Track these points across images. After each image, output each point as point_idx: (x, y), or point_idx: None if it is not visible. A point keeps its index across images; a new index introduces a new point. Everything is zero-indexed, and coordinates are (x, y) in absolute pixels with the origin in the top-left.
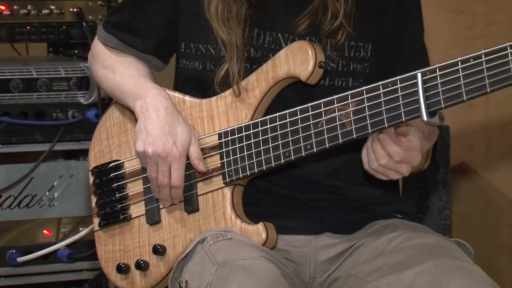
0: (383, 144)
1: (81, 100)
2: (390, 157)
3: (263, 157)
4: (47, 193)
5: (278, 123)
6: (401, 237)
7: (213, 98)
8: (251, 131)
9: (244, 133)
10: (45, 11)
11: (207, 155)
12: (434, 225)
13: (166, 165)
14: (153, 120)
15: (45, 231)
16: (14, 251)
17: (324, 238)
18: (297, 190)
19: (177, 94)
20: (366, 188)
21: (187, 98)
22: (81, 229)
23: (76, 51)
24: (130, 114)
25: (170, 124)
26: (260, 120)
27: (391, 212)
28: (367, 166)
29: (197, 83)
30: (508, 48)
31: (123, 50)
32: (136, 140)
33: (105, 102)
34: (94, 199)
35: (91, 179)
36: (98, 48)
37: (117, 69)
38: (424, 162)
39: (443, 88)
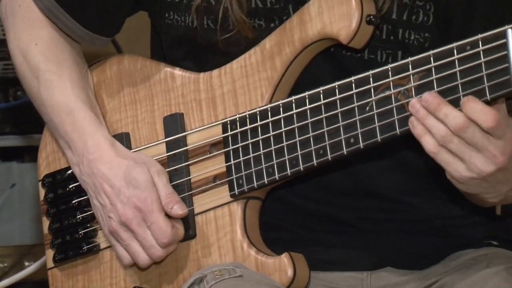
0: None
1: None
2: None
3: (286, 157)
4: None
5: (308, 106)
6: (499, 276)
7: (215, 72)
8: (270, 119)
9: (259, 123)
10: None
11: (206, 156)
12: None
13: (142, 228)
14: (103, 186)
15: None
16: None
17: (384, 275)
18: (341, 207)
19: (164, 67)
20: (446, 203)
21: (178, 71)
22: (27, 264)
23: None
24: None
25: (122, 175)
26: (283, 103)
27: (483, 237)
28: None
29: (191, 48)
30: None
31: (54, 20)
32: (99, 220)
33: None
34: (46, 222)
35: (42, 192)
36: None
37: (42, 70)
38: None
39: None
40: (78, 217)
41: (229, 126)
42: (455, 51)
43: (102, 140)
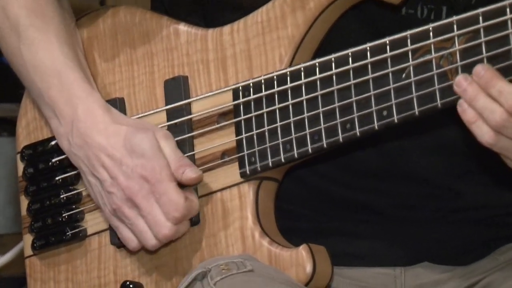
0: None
1: None
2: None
3: (307, 131)
4: None
5: (334, 71)
6: None
7: (226, 28)
8: (289, 85)
9: (276, 89)
10: None
11: (213, 128)
12: None
13: (149, 201)
14: (100, 158)
15: None
16: None
17: (421, 272)
18: (372, 192)
19: (166, 21)
20: (497, 189)
21: (183, 27)
22: None
23: None
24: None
25: (122, 144)
26: (305, 67)
27: None
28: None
29: (197, 0)
30: None
31: None
32: (97, 201)
33: None
34: (25, 202)
35: (21, 167)
36: None
37: (23, 25)
38: None
39: None
40: (62, 196)
41: (241, 92)
42: (507, 9)
43: (95, 106)
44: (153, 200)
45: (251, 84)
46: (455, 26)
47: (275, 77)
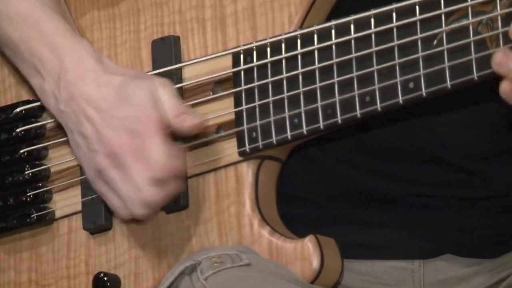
0: None
1: None
2: None
3: (319, 104)
4: None
5: (352, 36)
6: None
7: None
8: (299, 50)
9: (284, 55)
10: None
11: (209, 98)
12: None
13: (133, 158)
14: (86, 112)
15: None
16: None
17: (443, 266)
18: (390, 176)
19: None
20: None
21: None
22: None
23: None
24: None
25: (114, 94)
26: (318, 29)
27: None
28: None
29: None
30: None
31: None
32: (82, 165)
33: None
34: None
35: None
36: None
37: None
38: None
39: None
40: (27, 172)
41: (242, 57)
42: None
43: (85, 55)
44: (139, 158)
45: (254, 48)
46: None
47: (283, 40)
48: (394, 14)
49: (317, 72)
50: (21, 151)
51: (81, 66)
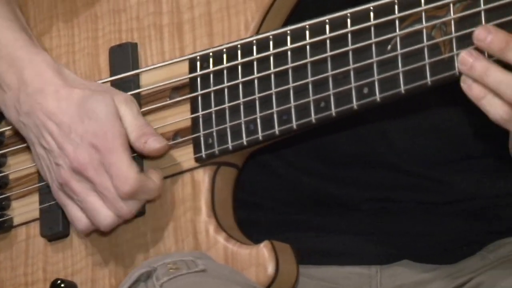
0: None
1: None
2: None
3: (275, 110)
4: None
5: (308, 41)
6: None
7: None
8: (255, 56)
9: (240, 60)
10: None
11: (165, 103)
12: None
13: (101, 174)
14: (47, 125)
15: None
16: None
17: (400, 271)
18: (346, 181)
19: None
20: (490, 178)
21: None
22: None
23: None
24: None
25: (74, 108)
26: (274, 35)
27: None
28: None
29: None
30: None
31: None
32: (45, 176)
33: None
34: None
35: None
36: None
37: None
38: None
39: None
40: None
41: (198, 63)
42: None
43: (43, 67)
44: (103, 171)
45: (210, 54)
46: None
47: (239, 46)
48: (349, 19)
49: (272, 77)
50: None
51: (40, 79)
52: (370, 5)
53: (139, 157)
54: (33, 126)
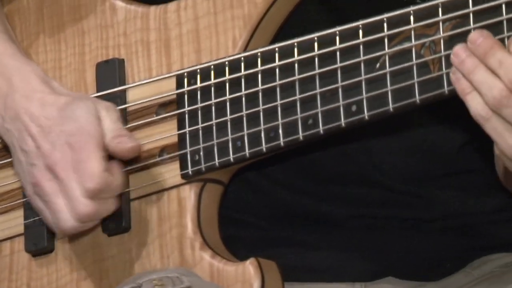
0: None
1: None
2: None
3: (262, 127)
4: None
5: (296, 58)
6: None
7: (172, 5)
8: (243, 72)
9: (228, 77)
10: None
11: (152, 119)
12: None
13: (68, 171)
14: (29, 128)
15: None
16: None
17: (385, 287)
18: (331, 199)
19: None
20: (474, 195)
21: (121, 2)
22: None
23: None
24: None
25: (57, 113)
26: (262, 52)
27: None
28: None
29: None
30: None
31: None
32: (23, 183)
33: None
34: None
35: None
36: None
37: None
38: None
39: None
40: None
41: (186, 79)
42: None
43: (32, 76)
44: (72, 170)
45: (198, 71)
46: (440, 10)
47: (227, 63)
48: (337, 37)
49: (260, 94)
50: None
51: (28, 86)
52: (359, 23)
53: (124, 173)
54: (15, 131)
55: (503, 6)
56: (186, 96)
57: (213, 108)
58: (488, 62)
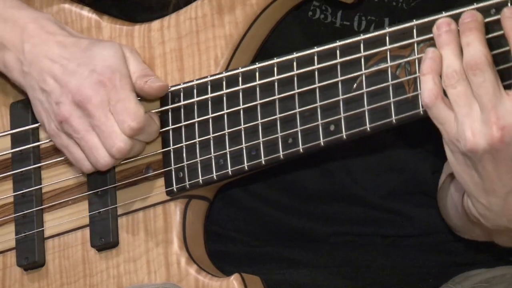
0: None
1: None
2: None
3: (244, 145)
4: None
5: (276, 77)
6: None
7: (155, 24)
8: (224, 91)
9: (210, 95)
10: None
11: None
12: None
13: (103, 110)
14: (51, 69)
15: None
16: None
17: None
18: (313, 216)
19: (88, 13)
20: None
21: (105, 22)
22: None
23: None
24: None
25: (81, 54)
26: (243, 71)
27: (500, 253)
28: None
29: None
30: None
31: None
32: (42, 122)
33: None
34: None
35: None
36: None
37: None
38: None
39: None
40: None
41: (170, 98)
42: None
43: (49, 23)
44: (107, 108)
45: (181, 90)
46: (414, 31)
47: (209, 82)
48: (316, 57)
49: (241, 113)
50: None
51: (45, 31)
52: (337, 44)
53: (113, 190)
54: (35, 73)
55: None
56: (170, 114)
57: (196, 126)
58: (460, 39)
